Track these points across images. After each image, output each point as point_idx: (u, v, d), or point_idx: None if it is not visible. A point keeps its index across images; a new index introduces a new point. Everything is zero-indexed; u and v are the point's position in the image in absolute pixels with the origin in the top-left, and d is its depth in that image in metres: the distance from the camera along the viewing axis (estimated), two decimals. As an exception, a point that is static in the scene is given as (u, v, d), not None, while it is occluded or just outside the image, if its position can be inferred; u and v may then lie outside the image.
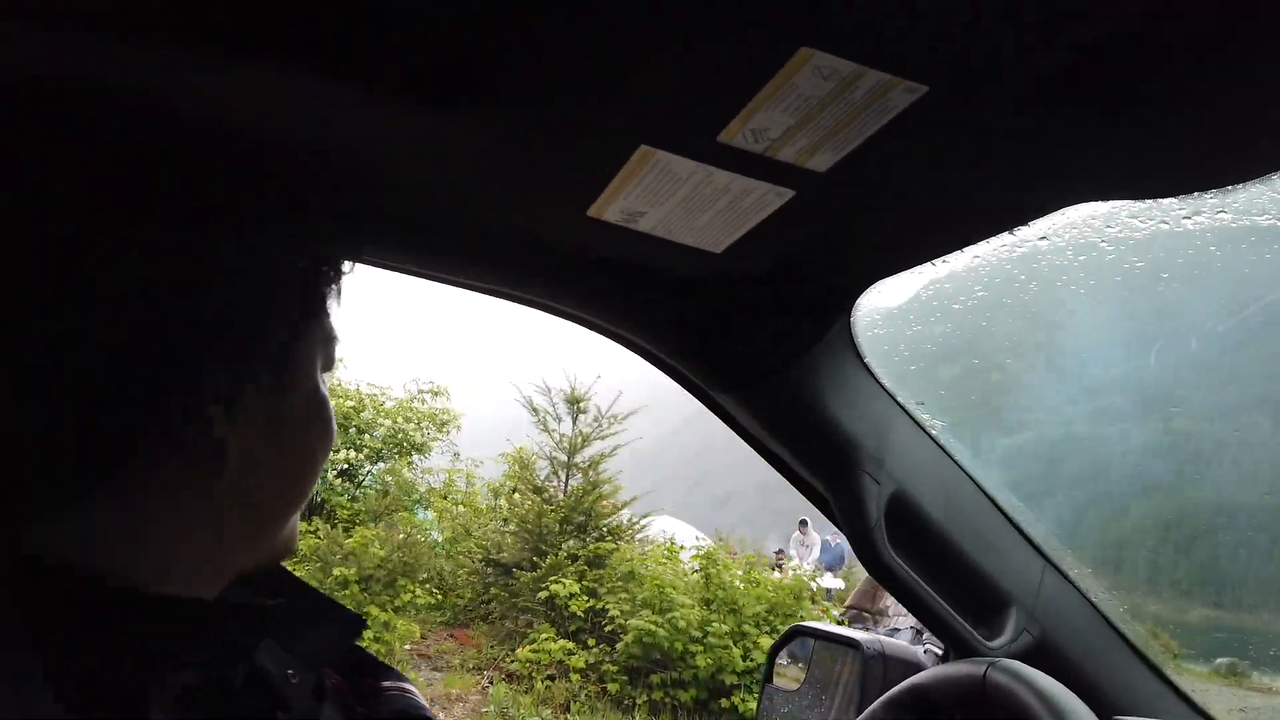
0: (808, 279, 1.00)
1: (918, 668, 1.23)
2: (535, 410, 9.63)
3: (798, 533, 16.76)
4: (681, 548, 9.30)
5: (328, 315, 0.67)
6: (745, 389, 1.08)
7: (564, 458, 9.46)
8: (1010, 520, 1.14)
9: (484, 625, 8.85)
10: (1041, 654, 1.07)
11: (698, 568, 8.55)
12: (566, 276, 1.02)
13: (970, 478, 1.14)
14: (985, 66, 0.57)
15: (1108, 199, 0.75)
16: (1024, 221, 0.82)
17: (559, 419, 9.62)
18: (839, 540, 18.47)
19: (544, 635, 7.98)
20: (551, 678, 7.73)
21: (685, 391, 1.17)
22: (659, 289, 1.00)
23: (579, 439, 9.46)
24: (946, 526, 1.09)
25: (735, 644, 7.75)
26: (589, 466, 9.36)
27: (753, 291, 1.00)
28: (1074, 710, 0.76)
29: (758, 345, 1.05)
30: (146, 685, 0.50)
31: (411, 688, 0.75)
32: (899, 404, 1.13)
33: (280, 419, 0.61)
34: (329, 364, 0.67)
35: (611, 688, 7.64)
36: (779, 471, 1.19)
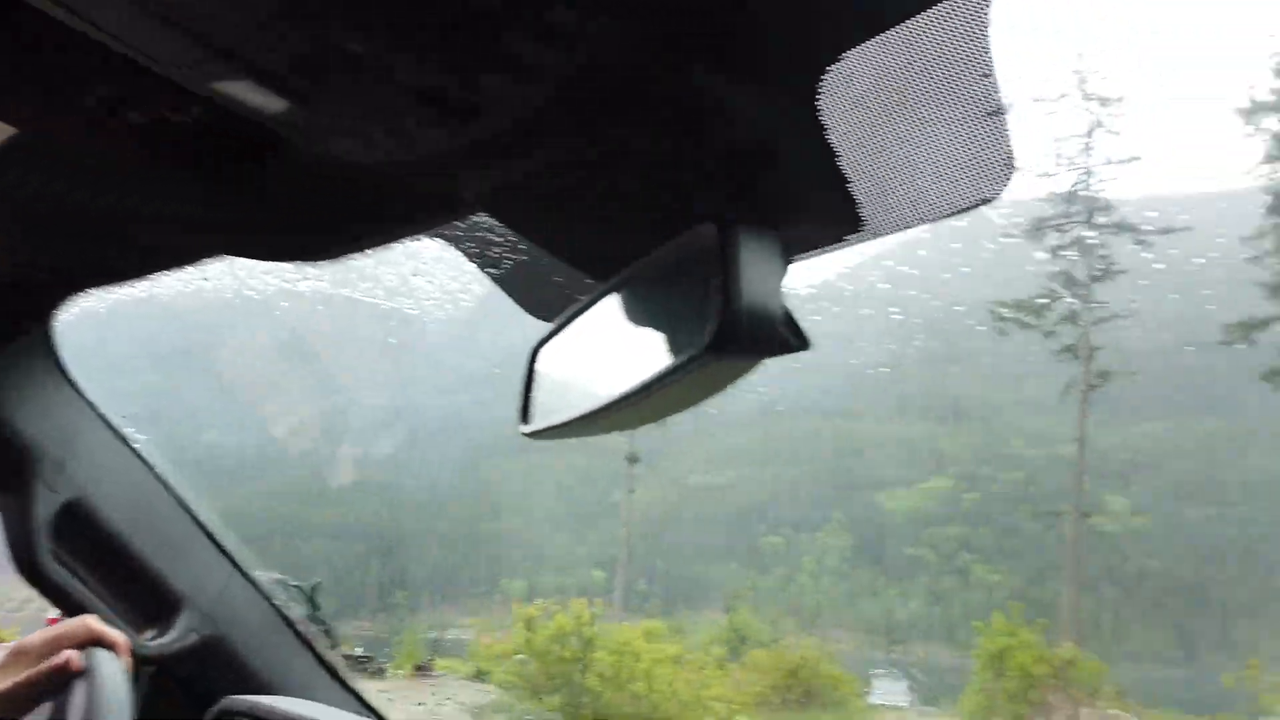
0: None
1: None
2: None
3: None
4: None
5: None
6: None
7: None
8: (205, 530, 1.26)
9: None
10: (208, 649, 1.20)
11: None
12: None
13: (170, 491, 1.24)
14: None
15: (232, 255, 0.92)
16: (190, 263, 0.97)
17: None
18: None
19: None
20: None
21: None
22: None
23: None
24: (129, 534, 1.16)
25: None
26: None
27: None
28: (108, 678, 0.84)
29: None
30: None
31: None
32: (100, 415, 1.17)
33: None
34: None
35: None
36: None
